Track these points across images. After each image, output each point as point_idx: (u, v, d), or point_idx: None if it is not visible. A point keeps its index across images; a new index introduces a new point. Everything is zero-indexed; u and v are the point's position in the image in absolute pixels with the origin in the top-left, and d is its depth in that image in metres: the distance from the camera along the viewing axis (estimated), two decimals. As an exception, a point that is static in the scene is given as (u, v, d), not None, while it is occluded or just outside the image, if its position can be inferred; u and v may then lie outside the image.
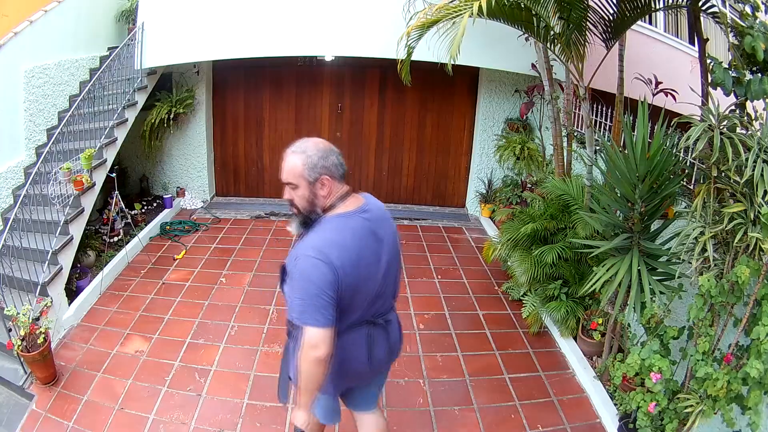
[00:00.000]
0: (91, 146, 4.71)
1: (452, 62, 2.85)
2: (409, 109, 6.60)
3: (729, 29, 2.90)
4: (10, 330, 3.35)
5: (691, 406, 2.44)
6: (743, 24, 2.82)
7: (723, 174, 2.47)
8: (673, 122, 2.70)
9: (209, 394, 3.29)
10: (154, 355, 3.67)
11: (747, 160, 2.27)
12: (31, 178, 4.01)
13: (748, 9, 2.89)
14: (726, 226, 2.34)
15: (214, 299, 4.44)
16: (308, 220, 1.72)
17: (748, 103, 2.74)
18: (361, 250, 1.69)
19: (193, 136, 6.58)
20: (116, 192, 4.98)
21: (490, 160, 6.50)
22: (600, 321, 3.50)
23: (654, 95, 3.93)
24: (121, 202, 5.06)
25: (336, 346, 1.65)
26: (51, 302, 3.74)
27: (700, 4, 3.09)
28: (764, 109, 2.69)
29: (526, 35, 4.10)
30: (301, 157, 1.64)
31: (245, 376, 3.46)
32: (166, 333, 3.94)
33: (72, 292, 4.28)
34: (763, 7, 2.91)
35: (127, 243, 5.20)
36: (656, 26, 5.54)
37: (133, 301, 4.39)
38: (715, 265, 2.47)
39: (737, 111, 2.76)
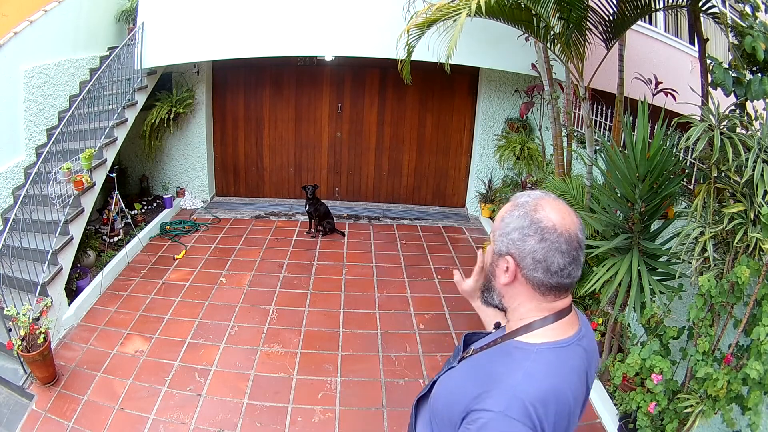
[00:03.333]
0: (91, 146, 4.71)
1: (450, 61, 2.85)
2: (409, 109, 6.61)
3: (729, 29, 2.90)
4: (10, 330, 3.35)
5: (691, 406, 2.44)
6: (743, 24, 2.82)
7: (723, 174, 2.48)
8: (673, 122, 2.70)
9: (209, 394, 3.30)
10: (154, 355, 3.67)
11: (747, 160, 2.27)
12: (31, 178, 4.02)
13: (748, 9, 2.90)
14: (726, 226, 2.34)
15: (213, 299, 4.44)
16: (488, 299, 1.13)
17: (748, 103, 2.74)
18: (576, 405, 1.00)
19: (193, 136, 6.58)
20: (116, 192, 4.98)
21: (490, 160, 6.50)
22: (600, 321, 3.50)
23: (654, 95, 3.94)
24: (121, 202, 5.06)
25: None
26: (51, 302, 3.74)
27: (700, 4, 3.09)
28: (764, 109, 2.69)
29: (526, 35, 4.10)
30: (507, 208, 1.06)
31: (245, 376, 3.46)
32: (166, 333, 3.94)
33: (72, 292, 4.28)
34: (763, 7, 2.91)
35: (127, 243, 5.20)
36: (656, 26, 5.54)
37: (133, 301, 4.39)
38: (715, 265, 2.47)
39: (737, 111, 2.76)
